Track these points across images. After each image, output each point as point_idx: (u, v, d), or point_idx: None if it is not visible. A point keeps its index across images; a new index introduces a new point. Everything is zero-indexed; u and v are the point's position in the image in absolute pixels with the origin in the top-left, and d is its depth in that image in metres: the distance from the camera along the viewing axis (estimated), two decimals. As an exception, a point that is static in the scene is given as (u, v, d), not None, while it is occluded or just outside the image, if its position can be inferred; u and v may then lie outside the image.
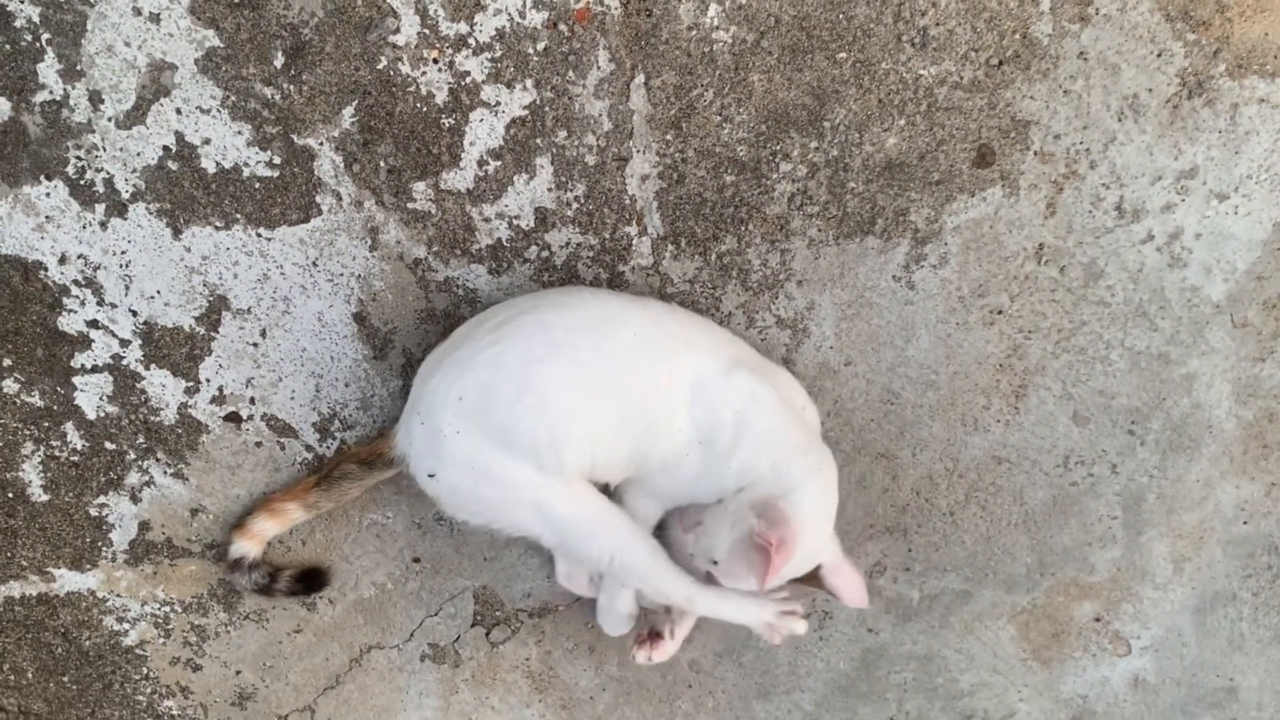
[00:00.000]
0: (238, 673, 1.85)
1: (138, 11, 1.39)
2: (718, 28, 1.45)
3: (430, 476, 1.46)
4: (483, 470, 1.41)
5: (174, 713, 1.88)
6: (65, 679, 1.84)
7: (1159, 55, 1.49)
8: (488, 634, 1.85)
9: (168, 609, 1.79)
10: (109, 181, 1.48)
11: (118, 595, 1.77)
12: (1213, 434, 1.74)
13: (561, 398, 1.37)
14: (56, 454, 1.66)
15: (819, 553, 1.49)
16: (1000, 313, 1.64)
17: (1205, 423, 1.73)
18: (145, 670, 1.84)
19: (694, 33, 1.45)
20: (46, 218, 1.50)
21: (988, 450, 1.74)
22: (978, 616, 1.87)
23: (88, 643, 1.81)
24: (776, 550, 1.35)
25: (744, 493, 1.42)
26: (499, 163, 1.51)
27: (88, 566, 1.75)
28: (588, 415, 1.39)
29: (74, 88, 1.43)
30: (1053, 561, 1.82)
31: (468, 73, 1.46)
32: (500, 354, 1.38)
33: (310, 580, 1.75)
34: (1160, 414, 1.72)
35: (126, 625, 1.80)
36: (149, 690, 1.86)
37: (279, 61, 1.43)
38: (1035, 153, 1.54)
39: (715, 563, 1.45)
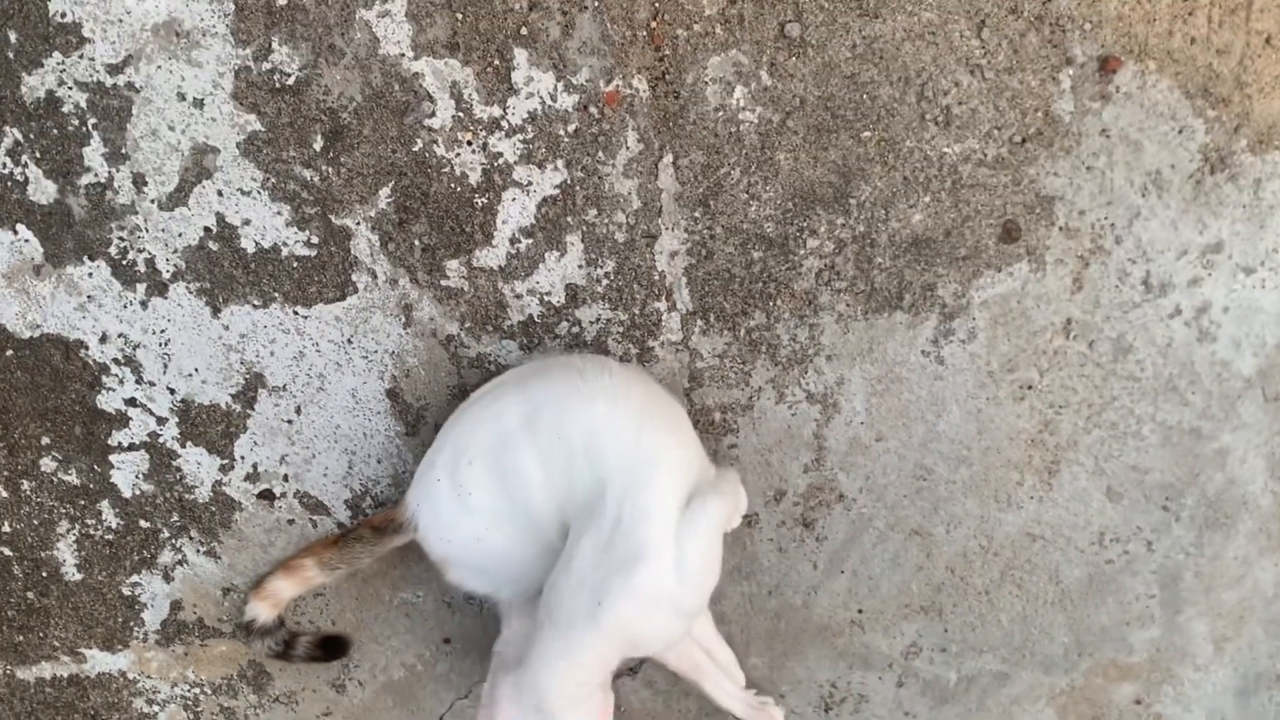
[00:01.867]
0: (266, 756, 1.84)
1: (182, 97, 1.44)
2: (744, 109, 1.49)
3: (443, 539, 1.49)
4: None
5: (201, 798, 1.86)
6: (93, 762, 1.83)
7: (1180, 132, 1.52)
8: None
9: (197, 690, 1.78)
10: (150, 261, 1.52)
11: (148, 676, 1.77)
12: (1248, 510, 1.72)
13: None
14: (91, 532, 1.67)
15: None
16: (1030, 388, 1.64)
17: (1240, 498, 1.72)
18: (173, 754, 1.83)
19: (721, 113, 1.49)
20: (89, 297, 1.54)
21: (1022, 527, 1.73)
22: (1015, 700, 1.84)
23: (117, 725, 1.81)
24: None
25: None
26: (530, 240, 1.54)
27: (119, 647, 1.75)
28: None
29: (118, 170, 1.48)
30: (1090, 642, 1.80)
31: (500, 154, 1.49)
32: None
33: (331, 647, 1.73)
34: (1195, 490, 1.71)
35: (156, 708, 1.79)
36: (176, 774, 1.85)
37: (318, 144, 1.48)
38: (1060, 228, 1.56)
39: None
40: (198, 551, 1.69)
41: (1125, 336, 1.62)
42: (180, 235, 1.51)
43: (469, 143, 1.49)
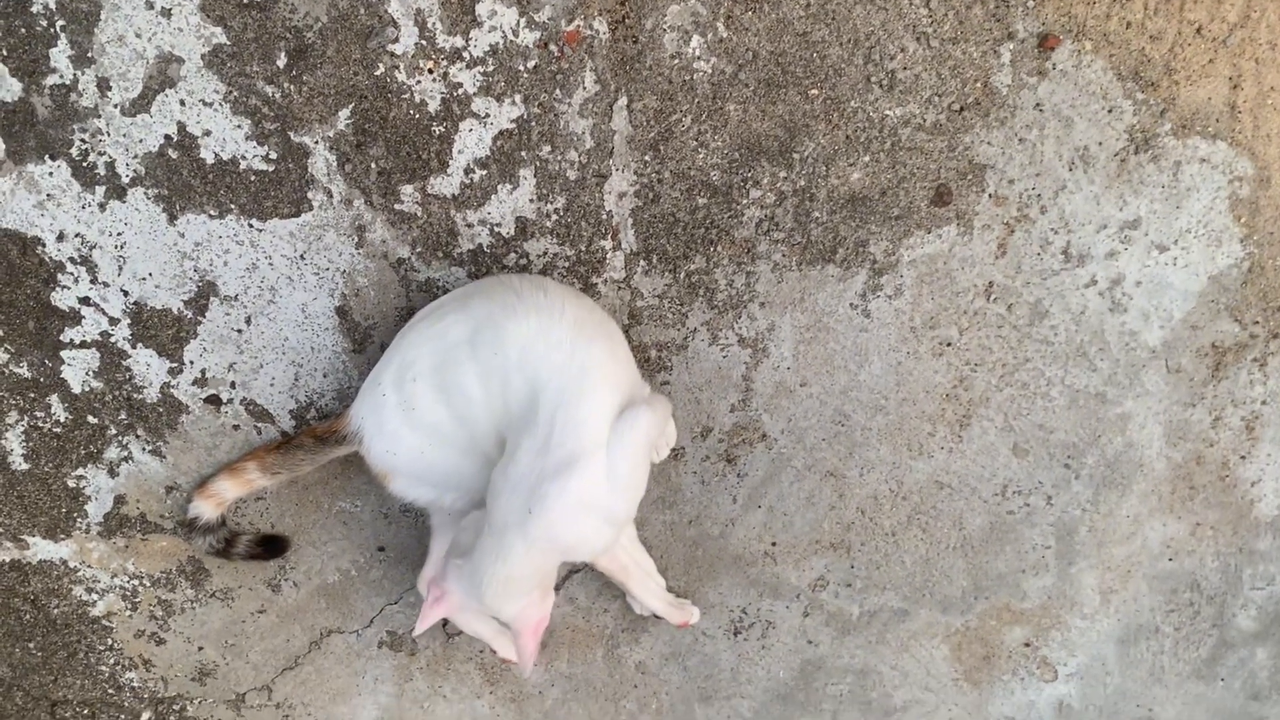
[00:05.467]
0: (200, 649, 1.91)
1: (150, 5, 1.47)
2: (699, 58, 1.54)
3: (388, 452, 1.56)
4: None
5: (135, 684, 1.93)
6: (31, 645, 1.89)
7: (1110, 111, 1.60)
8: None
9: (136, 582, 1.85)
10: (110, 165, 1.55)
11: (89, 566, 1.83)
12: (1144, 473, 1.83)
13: None
14: (40, 424, 1.72)
15: None
16: (949, 345, 1.73)
17: (1137, 461, 1.83)
18: (110, 641, 1.89)
19: (676, 61, 1.54)
20: (48, 196, 1.57)
21: (931, 475, 1.83)
22: (913, 635, 1.95)
23: (56, 611, 1.86)
24: None
25: None
26: (485, 172, 1.59)
27: (62, 536, 1.80)
28: None
29: (83, 73, 1.50)
30: (987, 586, 1.91)
31: (460, 84, 1.54)
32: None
33: (271, 546, 1.80)
34: (1095, 450, 1.81)
35: (95, 596, 1.85)
36: (112, 661, 1.91)
37: (281, 61, 1.51)
38: (990, 195, 1.64)
39: None
40: (143, 450, 1.74)
41: (1042, 302, 1.71)
42: (141, 141, 1.54)
43: (430, 71, 1.53)
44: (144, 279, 1.63)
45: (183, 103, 1.53)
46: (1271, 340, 1.74)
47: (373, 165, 1.58)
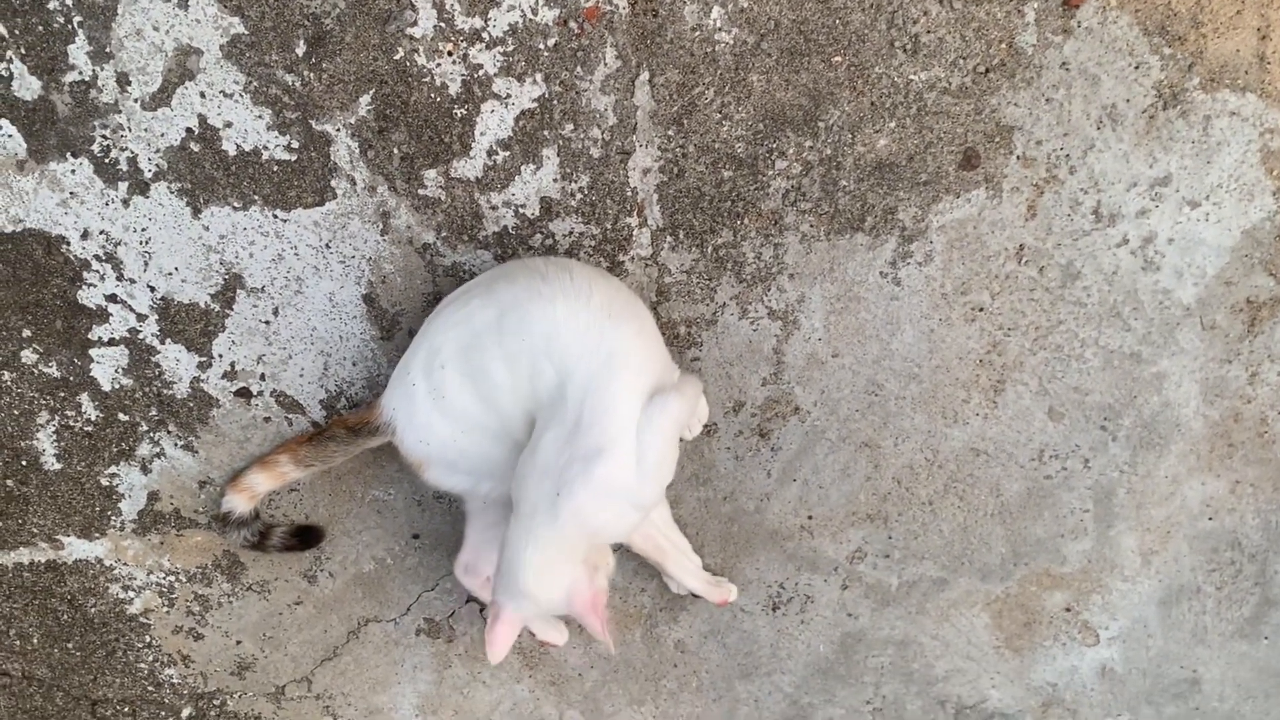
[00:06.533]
0: (238, 643, 1.91)
1: (167, -2, 1.46)
2: (720, 29, 1.53)
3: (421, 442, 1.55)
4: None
5: (174, 680, 1.94)
6: (70, 645, 1.90)
7: (1136, 68, 1.58)
8: (481, 610, 1.91)
9: (172, 578, 1.85)
10: (133, 160, 1.55)
11: (124, 564, 1.83)
12: (1181, 432, 1.82)
13: None
14: (71, 424, 1.72)
15: None
16: (981, 310, 1.72)
17: (1174, 421, 1.81)
18: (148, 638, 1.90)
19: (697, 33, 1.53)
20: (71, 194, 1.56)
21: (966, 443, 1.81)
22: (953, 604, 1.94)
23: (93, 610, 1.87)
24: None
25: None
26: (507, 153, 1.58)
27: (96, 535, 1.80)
28: None
29: (102, 69, 1.49)
30: (1026, 552, 1.90)
31: (480, 66, 1.53)
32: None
33: (305, 536, 1.80)
34: (1132, 411, 1.80)
35: (132, 594, 1.86)
36: (150, 658, 1.91)
37: (300, 50, 1.50)
38: (1018, 157, 1.62)
39: None
40: (175, 445, 1.74)
41: (1074, 263, 1.69)
42: (163, 135, 1.54)
43: (450, 53, 1.52)
44: (170, 274, 1.62)
45: (203, 95, 1.52)
46: (1307, 293, 1.73)
47: (395, 151, 1.57)
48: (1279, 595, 1.95)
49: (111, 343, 1.66)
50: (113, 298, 1.63)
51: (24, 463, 1.74)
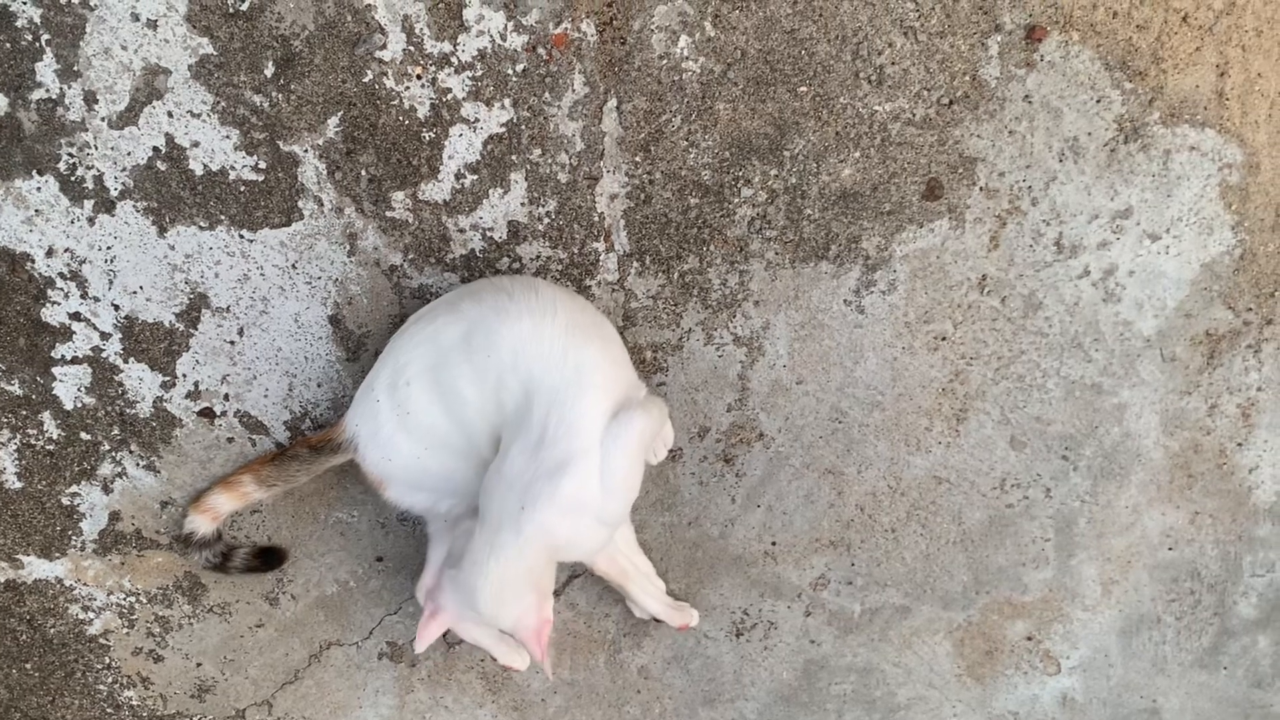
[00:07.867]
0: (198, 665, 1.90)
1: (135, 17, 1.46)
2: (687, 58, 1.54)
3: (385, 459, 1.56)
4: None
5: (134, 703, 1.92)
6: (28, 666, 1.88)
7: (1098, 101, 1.60)
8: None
9: (133, 599, 1.83)
10: (99, 179, 1.55)
11: (84, 584, 1.81)
12: (1141, 462, 1.84)
13: None
14: (32, 442, 1.70)
15: None
16: (944, 339, 1.73)
17: (1135, 451, 1.83)
18: (108, 660, 1.88)
19: (665, 61, 1.54)
20: (36, 211, 1.56)
21: (929, 470, 1.83)
22: (915, 632, 1.95)
23: (52, 630, 1.85)
24: None
25: None
26: (475, 176, 1.59)
27: (56, 555, 1.79)
28: None
29: (70, 87, 1.49)
30: (988, 580, 1.91)
31: (449, 90, 1.54)
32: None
33: (268, 558, 1.79)
34: (1093, 441, 1.81)
35: (91, 614, 1.84)
36: (110, 680, 1.90)
37: (269, 71, 1.51)
38: (981, 188, 1.64)
39: None
40: (137, 465, 1.73)
41: (1036, 294, 1.71)
42: (129, 154, 1.54)
43: (418, 77, 1.53)
44: (135, 293, 1.62)
45: (170, 114, 1.52)
46: (1265, 326, 1.75)
47: (363, 172, 1.57)
48: (1237, 626, 1.97)
49: (75, 361, 1.66)
50: (76, 316, 1.63)
51: (-16, 481, 1.73)
